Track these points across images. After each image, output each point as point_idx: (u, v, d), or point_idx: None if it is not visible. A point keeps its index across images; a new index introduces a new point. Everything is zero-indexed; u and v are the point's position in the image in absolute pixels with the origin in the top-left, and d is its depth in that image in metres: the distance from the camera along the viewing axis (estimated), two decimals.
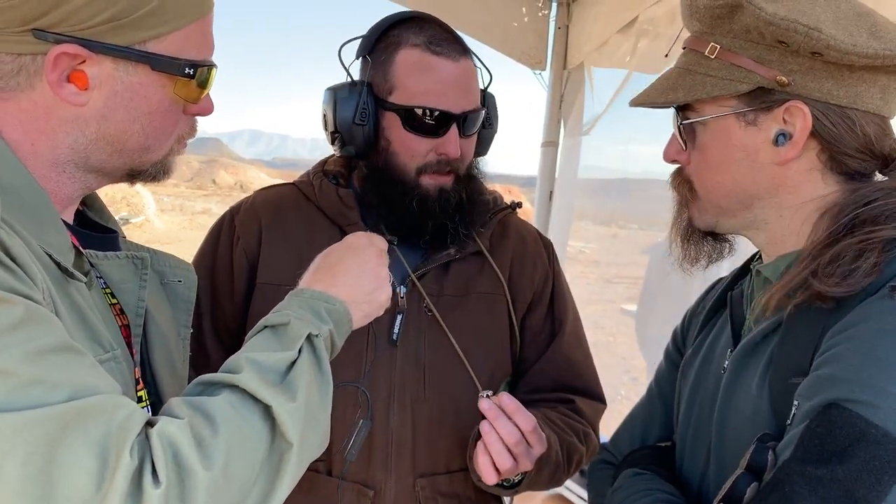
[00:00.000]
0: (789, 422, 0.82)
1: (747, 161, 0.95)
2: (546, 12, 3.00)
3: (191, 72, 0.87)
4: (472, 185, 1.39)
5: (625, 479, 1.08)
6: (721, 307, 1.10)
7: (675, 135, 1.02)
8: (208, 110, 0.94)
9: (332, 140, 1.37)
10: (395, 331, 1.33)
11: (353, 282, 0.99)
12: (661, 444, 1.14)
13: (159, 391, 0.94)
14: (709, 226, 1.03)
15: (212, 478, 0.70)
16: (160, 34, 0.83)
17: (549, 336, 1.46)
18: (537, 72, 3.07)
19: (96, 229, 0.95)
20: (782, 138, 0.92)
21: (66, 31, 0.79)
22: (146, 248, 0.99)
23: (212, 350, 1.35)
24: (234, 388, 0.78)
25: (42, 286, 0.74)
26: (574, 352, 1.47)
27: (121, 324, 0.90)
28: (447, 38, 1.32)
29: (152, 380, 0.94)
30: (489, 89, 1.42)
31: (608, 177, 3.25)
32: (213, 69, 0.90)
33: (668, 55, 1.01)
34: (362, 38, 1.36)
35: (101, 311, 0.86)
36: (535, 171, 3.24)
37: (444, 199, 1.33)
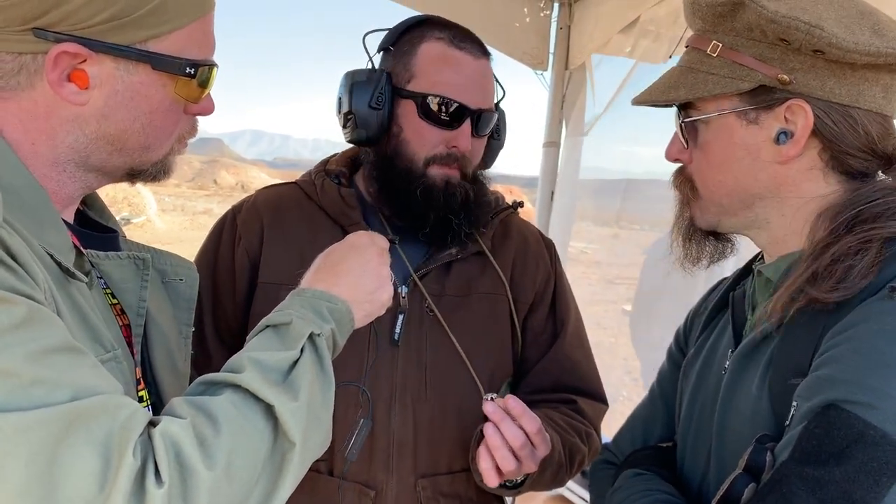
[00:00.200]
0: (788, 422, 0.82)
1: (749, 160, 0.95)
2: (548, 12, 3.00)
3: (191, 71, 0.86)
4: (477, 187, 1.39)
5: (625, 480, 1.08)
6: (723, 307, 1.09)
7: (676, 133, 1.02)
8: (209, 110, 0.94)
9: (345, 122, 1.37)
10: (397, 330, 1.33)
11: (354, 281, 0.99)
12: (663, 445, 1.14)
13: (160, 391, 0.94)
14: (710, 225, 1.03)
15: (214, 478, 0.70)
16: (161, 33, 0.83)
17: (551, 337, 1.45)
18: (539, 72, 3.07)
19: (97, 229, 0.95)
20: (784, 137, 0.92)
21: (67, 30, 0.79)
22: (147, 247, 0.99)
23: (213, 349, 1.35)
24: (236, 387, 0.78)
25: (44, 286, 0.74)
26: (576, 352, 1.47)
27: (121, 324, 0.89)
28: (470, 37, 1.36)
29: (153, 380, 0.94)
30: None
31: (610, 177, 3.25)
32: (214, 69, 0.90)
33: (672, 56, 1.01)
34: (387, 32, 1.39)
35: (102, 310, 0.86)
36: (536, 172, 3.24)
37: (449, 192, 1.33)
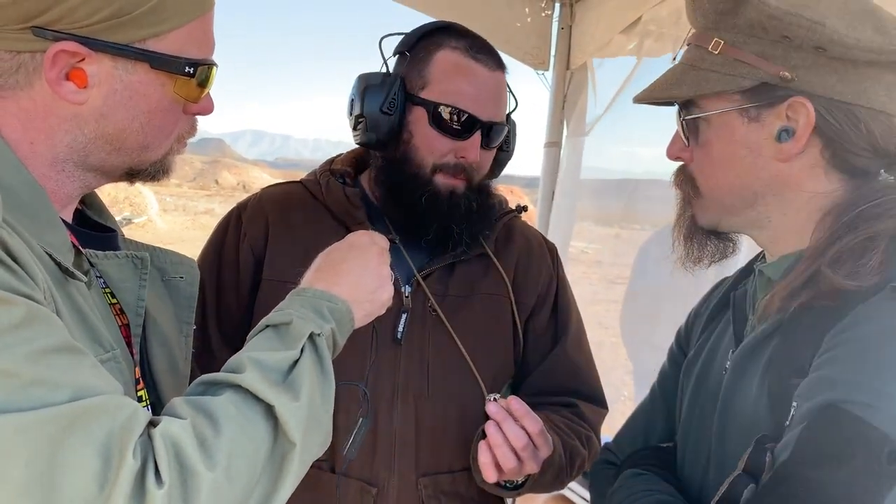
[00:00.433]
0: (788, 423, 0.82)
1: (750, 158, 0.94)
2: (549, 13, 3.00)
3: (191, 70, 0.86)
4: (481, 197, 1.40)
5: (625, 480, 1.08)
6: (724, 307, 1.09)
7: (678, 132, 1.02)
8: (208, 110, 0.94)
9: (356, 125, 1.37)
10: (400, 330, 1.33)
11: (355, 281, 0.99)
12: (663, 445, 1.13)
13: (159, 391, 0.93)
14: (712, 224, 1.03)
15: (214, 478, 0.70)
16: (160, 32, 0.83)
17: (552, 340, 1.46)
18: (540, 72, 3.07)
19: (95, 228, 0.95)
20: (785, 135, 0.92)
21: (65, 29, 0.78)
22: (146, 245, 0.99)
23: (216, 345, 1.35)
24: (236, 387, 0.78)
25: (43, 286, 0.74)
26: (577, 356, 1.47)
27: (120, 323, 0.89)
28: (487, 48, 1.36)
29: (152, 379, 0.93)
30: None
31: (611, 177, 3.24)
32: (214, 68, 0.90)
33: (674, 57, 1.01)
34: (403, 36, 1.39)
35: (101, 310, 0.86)
36: (537, 172, 3.23)
37: (453, 202, 1.33)
